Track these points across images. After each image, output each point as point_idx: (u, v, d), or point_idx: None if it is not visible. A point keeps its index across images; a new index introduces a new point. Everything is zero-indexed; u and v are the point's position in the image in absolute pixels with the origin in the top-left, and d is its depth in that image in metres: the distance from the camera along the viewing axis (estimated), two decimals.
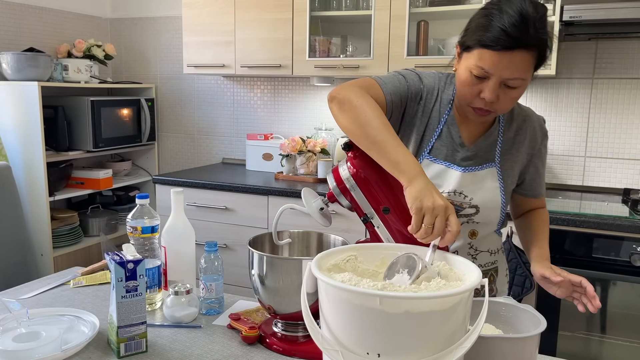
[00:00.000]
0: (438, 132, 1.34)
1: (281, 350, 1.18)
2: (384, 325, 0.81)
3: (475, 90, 1.21)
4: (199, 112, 3.63)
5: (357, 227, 2.58)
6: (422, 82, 1.34)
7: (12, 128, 2.86)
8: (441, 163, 1.34)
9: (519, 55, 1.15)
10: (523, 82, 1.19)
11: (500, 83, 1.18)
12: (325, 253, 1.00)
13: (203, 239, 2.90)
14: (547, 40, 1.19)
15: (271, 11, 2.91)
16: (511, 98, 1.21)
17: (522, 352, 0.99)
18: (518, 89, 1.20)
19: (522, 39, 1.14)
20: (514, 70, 1.16)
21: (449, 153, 1.34)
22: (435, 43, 2.82)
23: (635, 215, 2.21)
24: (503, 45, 1.15)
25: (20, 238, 2.02)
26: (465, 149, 1.34)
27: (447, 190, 1.33)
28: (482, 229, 1.37)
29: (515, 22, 1.14)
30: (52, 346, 1.13)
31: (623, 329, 2.16)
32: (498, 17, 1.17)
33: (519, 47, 1.15)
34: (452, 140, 1.34)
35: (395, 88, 1.30)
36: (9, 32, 3.10)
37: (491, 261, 1.43)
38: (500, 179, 1.35)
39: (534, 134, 1.40)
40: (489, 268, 1.43)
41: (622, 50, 2.64)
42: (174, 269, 1.46)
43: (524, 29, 1.14)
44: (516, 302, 1.14)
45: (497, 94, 1.19)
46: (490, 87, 1.18)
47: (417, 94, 1.33)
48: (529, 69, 1.19)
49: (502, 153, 1.36)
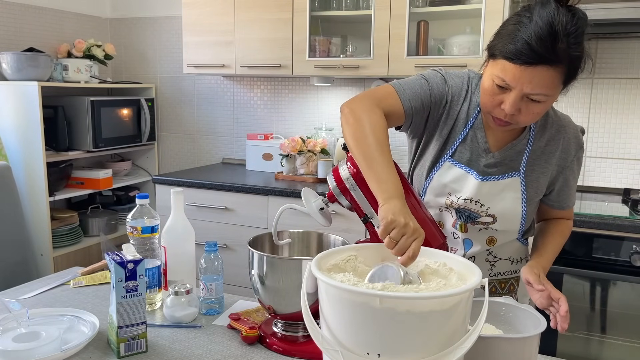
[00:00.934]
0: (463, 136, 1.30)
1: (281, 350, 1.18)
2: (384, 325, 0.81)
3: (497, 100, 1.16)
4: (199, 112, 3.63)
5: (357, 227, 2.58)
6: (447, 84, 1.30)
7: (12, 128, 2.86)
8: (462, 167, 1.30)
9: (543, 71, 1.09)
10: (547, 97, 1.13)
11: (522, 96, 1.13)
12: (325, 253, 1.00)
13: (203, 239, 2.90)
14: (579, 57, 1.12)
15: (271, 11, 2.91)
16: (534, 112, 1.15)
17: (522, 352, 0.99)
18: (542, 103, 1.14)
19: (546, 55, 1.08)
20: (536, 85, 1.11)
21: (473, 158, 1.30)
22: (435, 43, 2.82)
23: (635, 215, 2.21)
24: (524, 60, 1.09)
25: (20, 238, 2.02)
26: (490, 155, 1.30)
27: (463, 197, 1.30)
28: (500, 236, 1.35)
29: (542, 35, 1.08)
30: (52, 346, 1.12)
31: (623, 329, 2.16)
32: (526, 26, 1.10)
33: (543, 63, 1.09)
34: (477, 144, 1.30)
35: (415, 94, 1.28)
36: (9, 32, 3.10)
37: (512, 270, 1.40)
38: (524, 190, 1.30)
39: (568, 145, 1.32)
40: (508, 277, 1.40)
41: (622, 50, 2.64)
42: (174, 269, 1.46)
43: (551, 43, 1.08)
44: (516, 302, 1.14)
45: (519, 107, 1.15)
46: (511, 99, 1.13)
47: (441, 97, 1.30)
48: (556, 85, 1.12)
49: (528, 163, 1.30)
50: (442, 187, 1.32)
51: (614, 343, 2.19)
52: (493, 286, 1.39)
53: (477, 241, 1.35)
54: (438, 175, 1.32)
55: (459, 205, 1.32)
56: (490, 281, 1.37)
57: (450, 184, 1.31)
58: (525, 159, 1.29)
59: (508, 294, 1.40)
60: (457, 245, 1.37)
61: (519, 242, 1.40)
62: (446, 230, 1.37)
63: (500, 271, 1.38)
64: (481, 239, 1.35)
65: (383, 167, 1.10)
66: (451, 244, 1.37)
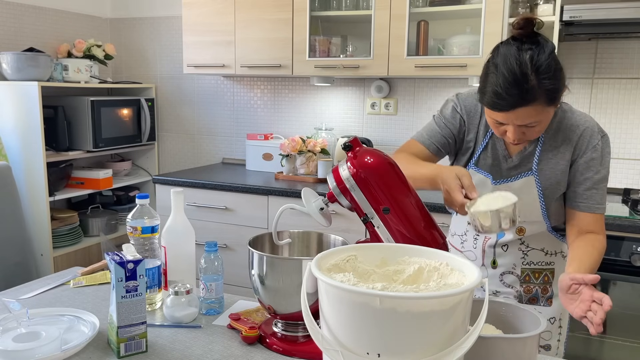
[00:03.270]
0: (484, 145, 1.44)
1: (281, 350, 1.18)
2: (384, 325, 0.81)
3: (501, 130, 1.30)
4: (199, 112, 3.63)
5: (357, 227, 2.58)
6: (458, 108, 1.45)
7: (12, 128, 2.86)
8: (482, 173, 1.44)
9: (522, 110, 1.20)
10: (539, 120, 1.24)
11: (519, 127, 1.25)
12: (325, 253, 1.00)
13: (203, 239, 2.90)
14: (553, 89, 1.19)
15: (271, 11, 2.91)
16: (536, 132, 1.27)
17: (522, 352, 0.99)
18: (539, 124, 1.25)
19: (518, 100, 1.18)
20: (524, 119, 1.22)
21: (495, 164, 1.44)
22: (435, 43, 2.82)
23: (635, 215, 2.21)
24: (500, 108, 1.22)
25: (20, 238, 2.02)
26: (510, 160, 1.43)
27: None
28: (528, 227, 1.45)
29: (508, 83, 1.18)
30: (52, 346, 1.12)
31: (623, 329, 2.16)
32: (493, 76, 1.22)
33: (518, 106, 1.19)
34: (497, 152, 1.43)
35: (432, 131, 1.47)
36: (9, 32, 3.10)
37: (546, 261, 1.48)
38: (539, 186, 1.40)
39: (582, 144, 1.38)
40: (542, 267, 1.48)
41: (622, 50, 2.64)
42: (174, 269, 1.46)
43: (519, 88, 1.17)
44: (516, 302, 1.14)
45: (522, 132, 1.27)
46: (510, 131, 1.27)
47: (456, 121, 1.46)
48: (541, 112, 1.22)
49: (540, 161, 1.40)
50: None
51: (614, 343, 2.19)
52: (527, 275, 1.48)
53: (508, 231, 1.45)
54: None
55: None
56: (523, 270, 1.48)
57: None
58: (537, 158, 1.39)
59: (542, 284, 1.49)
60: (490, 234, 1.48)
61: (552, 235, 1.47)
62: None
63: (534, 260, 1.48)
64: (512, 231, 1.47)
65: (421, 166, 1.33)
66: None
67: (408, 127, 3.10)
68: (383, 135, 3.15)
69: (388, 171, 1.18)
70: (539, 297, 1.50)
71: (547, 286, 1.49)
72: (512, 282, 1.50)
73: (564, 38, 2.59)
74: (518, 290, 1.50)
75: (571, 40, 2.69)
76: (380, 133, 3.16)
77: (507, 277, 1.50)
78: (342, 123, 3.24)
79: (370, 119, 3.17)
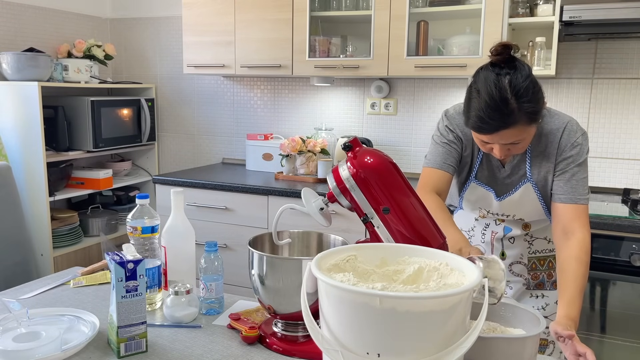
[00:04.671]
0: (480, 159, 1.51)
1: (281, 350, 1.18)
2: (384, 325, 0.81)
3: (487, 148, 1.37)
4: (199, 112, 3.63)
5: (357, 227, 2.58)
6: (454, 132, 1.50)
7: (12, 128, 2.86)
8: (484, 187, 1.52)
9: (505, 132, 1.27)
10: (523, 138, 1.31)
11: (504, 145, 1.32)
12: (325, 253, 1.00)
13: (203, 239, 2.90)
14: (532, 110, 1.25)
15: (271, 11, 2.91)
16: (521, 147, 1.35)
17: (522, 352, 0.99)
18: (522, 141, 1.32)
19: (500, 124, 1.25)
20: (507, 139, 1.29)
21: (490, 175, 1.52)
22: (435, 43, 2.82)
23: (635, 215, 2.21)
24: (484, 132, 1.29)
25: (20, 238, 2.02)
26: (503, 170, 1.50)
27: (492, 212, 1.56)
28: (534, 224, 1.57)
29: (490, 108, 1.25)
30: (52, 346, 1.13)
31: (623, 329, 2.16)
32: (476, 101, 1.28)
33: (500, 128, 1.26)
34: (491, 163, 1.51)
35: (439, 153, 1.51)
36: (9, 32, 3.10)
37: (549, 248, 1.60)
38: (537, 190, 1.49)
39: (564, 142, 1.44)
40: (546, 255, 1.60)
41: (622, 50, 2.64)
42: (174, 269, 1.46)
43: (500, 112, 1.24)
44: (516, 302, 1.14)
45: (507, 149, 1.34)
46: (496, 149, 1.34)
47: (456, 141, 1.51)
48: (524, 131, 1.29)
49: (532, 166, 1.47)
50: (471, 204, 1.58)
51: (614, 343, 2.19)
52: (533, 262, 1.60)
53: (515, 227, 1.58)
54: (467, 195, 1.56)
55: (490, 216, 1.58)
56: (530, 258, 1.60)
57: (478, 201, 1.55)
58: (528, 164, 1.47)
59: (547, 270, 1.60)
60: (498, 229, 1.60)
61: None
62: (488, 219, 1.60)
63: (539, 249, 1.59)
64: (517, 226, 1.58)
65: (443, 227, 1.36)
66: (492, 228, 1.60)
67: (408, 127, 3.10)
68: (383, 135, 3.15)
69: (388, 171, 1.18)
70: (544, 282, 1.60)
71: (552, 271, 1.60)
72: (521, 271, 1.60)
73: (563, 38, 2.59)
74: (526, 278, 1.60)
75: (571, 41, 2.69)
76: (380, 133, 3.16)
77: (516, 267, 1.61)
78: (342, 123, 3.24)
79: (370, 119, 3.17)
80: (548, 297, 1.62)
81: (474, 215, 1.62)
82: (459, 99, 2.94)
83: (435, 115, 3.02)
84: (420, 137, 3.07)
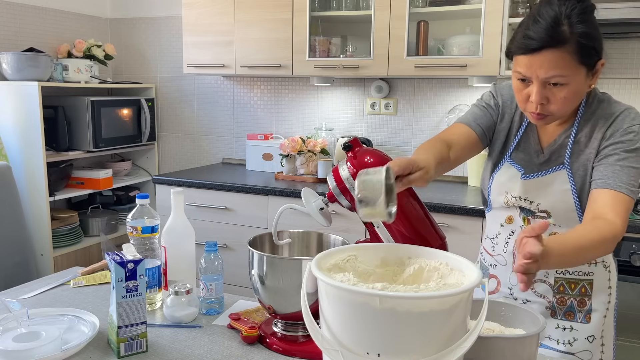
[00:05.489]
0: (517, 139, 1.38)
1: (281, 350, 1.18)
2: (384, 325, 0.81)
3: (524, 94, 1.22)
4: (199, 112, 3.63)
5: (357, 227, 2.58)
6: (495, 94, 1.41)
7: (12, 128, 2.86)
8: (516, 167, 1.37)
9: (549, 54, 1.14)
10: (566, 78, 1.16)
11: (543, 84, 1.18)
12: (325, 253, 1.00)
13: (203, 239, 2.90)
14: (584, 33, 1.14)
15: (271, 11, 2.91)
16: (562, 98, 1.18)
17: (522, 352, 0.99)
18: (565, 87, 1.17)
19: (546, 39, 1.14)
20: (548, 69, 1.15)
21: (527, 158, 1.36)
22: (435, 43, 2.82)
23: (635, 215, 2.21)
24: (526, 48, 1.17)
25: (20, 238, 2.02)
26: (542, 155, 1.35)
27: (514, 195, 1.36)
28: (563, 229, 1.32)
29: (537, 23, 1.15)
30: (52, 346, 1.13)
31: (623, 329, 2.16)
32: (525, 19, 1.20)
33: (546, 47, 1.14)
34: (530, 145, 1.37)
35: (476, 115, 1.40)
36: (9, 32, 3.10)
37: (584, 271, 1.33)
38: (572, 180, 1.29)
39: (615, 127, 1.25)
40: (579, 278, 1.33)
41: (622, 50, 2.64)
42: (174, 269, 1.46)
43: (549, 28, 1.14)
44: (516, 302, 1.14)
45: (545, 96, 1.19)
46: (535, 89, 1.19)
47: (496, 107, 1.41)
48: (570, 66, 1.15)
49: (572, 153, 1.30)
50: (499, 186, 1.39)
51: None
52: (561, 284, 1.34)
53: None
54: (498, 175, 1.39)
55: (513, 203, 1.37)
56: (557, 279, 1.34)
57: (506, 182, 1.37)
58: (569, 150, 1.30)
59: (579, 296, 1.33)
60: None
61: None
62: (515, 223, 1.39)
63: (569, 270, 1.33)
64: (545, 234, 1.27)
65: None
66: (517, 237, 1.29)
67: (408, 127, 3.10)
68: (383, 135, 3.15)
69: None
70: (575, 310, 1.34)
71: (585, 299, 1.33)
72: (544, 291, 1.36)
73: None
74: (551, 301, 1.35)
75: None
76: (380, 133, 3.16)
77: (539, 286, 1.36)
78: (342, 123, 3.24)
79: (370, 119, 3.17)
80: (578, 331, 1.34)
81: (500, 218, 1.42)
82: (459, 99, 2.95)
83: (436, 115, 3.02)
84: (420, 137, 3.07)
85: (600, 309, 1.33)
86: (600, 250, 1.11)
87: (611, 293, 1.35)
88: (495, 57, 2.47)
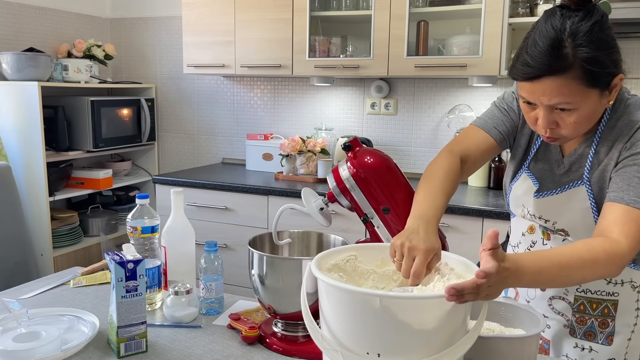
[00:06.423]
0: (537, 146, 1.28)
1: (281, 350, 1.18)
2: (384, 325, 0.81)
3: (532, 118, 1.12)
4: (199, 112, 3.63)
5: (357, 227, 2.58)
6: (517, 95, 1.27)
7: (12, 128, 2.86)
8: (532, 179, 1.27)
9: (550, 82, 1.03)
10: (573, 104, 1.05)
11: (550, 109, 1.07)
12: (325, 253, 1.00)
13: (203, 239, 2.90)
14: (590, 58, 1.02)
15: (271, 11, 2.91)
16: (571, 123, 1.07)
17: (522, 352, 0.99)
18: (574, 112, 1.06)
19: (545, 67, 1.02)
20: (551, 96, 1.04)
21: (547, 168, 1.26)
22: (435, 43, 2.82)
23: None
24: (525, 76, 1.06)
25: (20, 238, 2.02)
26: (562, 166, 1.23)
27: (529, 212, 1.28)
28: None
29: (537, 47, 1.04)
30: (52, 346, 1.12)
31: None
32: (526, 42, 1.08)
33: (545, 74, 1.03)
34: (550, 153, 1.26)
35: (496, 118, 1.29)
36: (9, 32, 3.10)
37: (608, 291, 1.22)
38: (592, 198, 1.17)
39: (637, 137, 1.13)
40: (602, 298, 1.22)
41: (622, 51, 2.63)
42: (174, 269, 1.46)
43: (549, 53, 1.02)
44: (516, 302, 1.14)
45: (553, 120, 1.09)
46: (541, 114, 1.09)
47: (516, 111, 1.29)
48: (574, 92, 1.04)
49: (592, 166, 1.18)
50: (516, 199, 1.31)
51: None
52: (582, 303, 1.24)
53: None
54: (515, 187, 1.31)
55: (529, 219, 1.29)
56: (577, 297, 1.24)
57: (522, 196, 1.29)
58: (589, 163, 1.18)
59: (601, 317, 1.23)
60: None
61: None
62: (536, 234, 1.30)
63: (592, 288, 1.22)
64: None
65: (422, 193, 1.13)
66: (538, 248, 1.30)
67: (408, 127, 3.10)
68: (383, 135, 3.15)
69: (388, 171, 1.18)
70: (596, 331, 1.24)
71: (608, 320, 1.23)
72: (563, 309, 1.26)
73: None
74: (569, 320, 1.25)
75: None
76: (380, 133, 3.16)
77: (557, 303, 1.27)
78: (342, 123, 3.24)
79: (370, 119, 3.17)
80: (598, 352, 1.24)
81: (522, 227, 1.34)
82: (459, 99, 2.95)
83: (436, 115, 3.02)
84: (420, 137, 3.07)
85: (624, 332, 1.23)
86: (594, 271, 0.99)
87: (638, 315, 1.23)
88: (496, 57, 2.47)
